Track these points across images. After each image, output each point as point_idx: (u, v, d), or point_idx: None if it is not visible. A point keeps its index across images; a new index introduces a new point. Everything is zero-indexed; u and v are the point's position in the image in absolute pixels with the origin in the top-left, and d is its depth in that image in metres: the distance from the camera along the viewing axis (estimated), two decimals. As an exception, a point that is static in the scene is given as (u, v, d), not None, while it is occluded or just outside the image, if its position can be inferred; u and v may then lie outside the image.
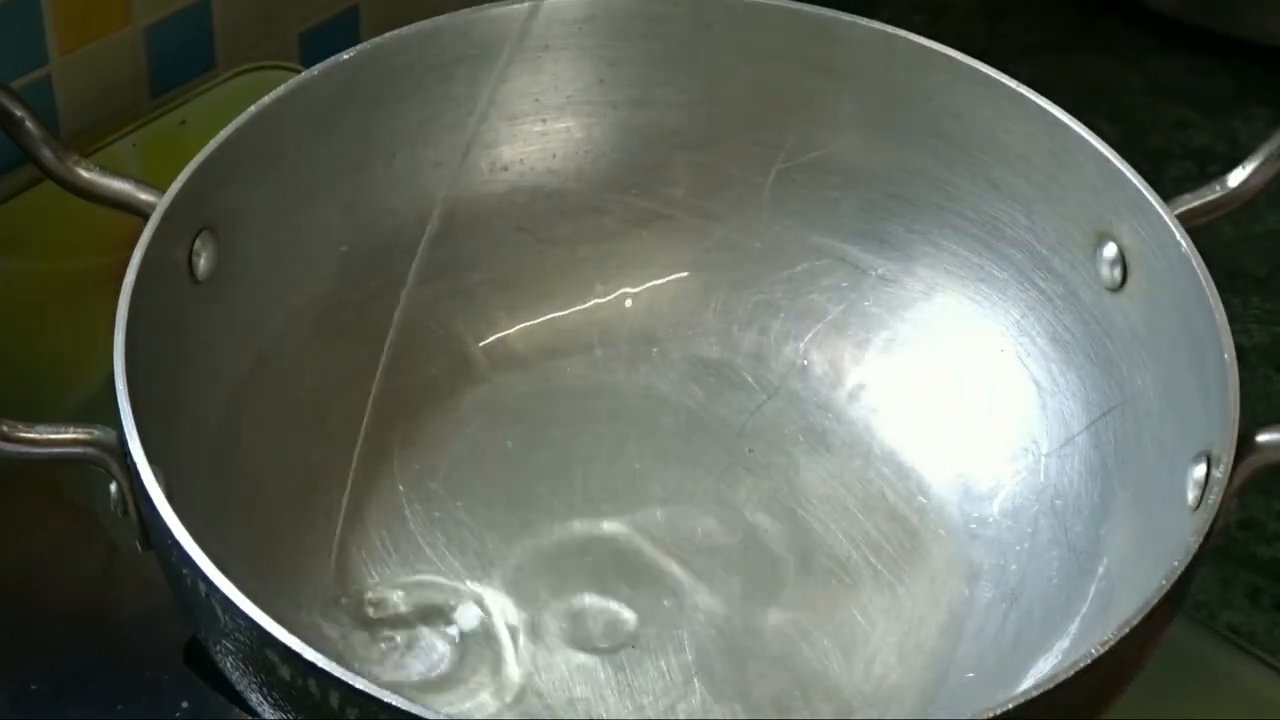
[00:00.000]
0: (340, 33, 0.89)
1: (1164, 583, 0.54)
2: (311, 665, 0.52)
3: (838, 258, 0.73)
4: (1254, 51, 0.95)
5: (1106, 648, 0.53)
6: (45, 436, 0.58)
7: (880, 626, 0.65)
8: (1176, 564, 0.55)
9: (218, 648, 0.56)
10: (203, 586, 0.54)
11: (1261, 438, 0.58)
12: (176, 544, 0.54)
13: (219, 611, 0.54)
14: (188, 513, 0.55)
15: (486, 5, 0.70)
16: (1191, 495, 0.59)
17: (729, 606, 0.65)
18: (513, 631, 0.64)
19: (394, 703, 0.51)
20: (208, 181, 0.64)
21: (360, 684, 0.51)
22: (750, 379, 0.72)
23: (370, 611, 0.64)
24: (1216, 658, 0.67)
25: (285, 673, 0.53)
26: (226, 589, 0.53)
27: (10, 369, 0.74)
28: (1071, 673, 0.52)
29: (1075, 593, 0.63)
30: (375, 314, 0.71)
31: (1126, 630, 0.53)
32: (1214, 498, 0.56)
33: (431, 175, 0.71)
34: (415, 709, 0.51)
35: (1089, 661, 0.53)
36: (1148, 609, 0.54)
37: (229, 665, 0.56)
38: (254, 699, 0.56)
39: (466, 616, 0.65)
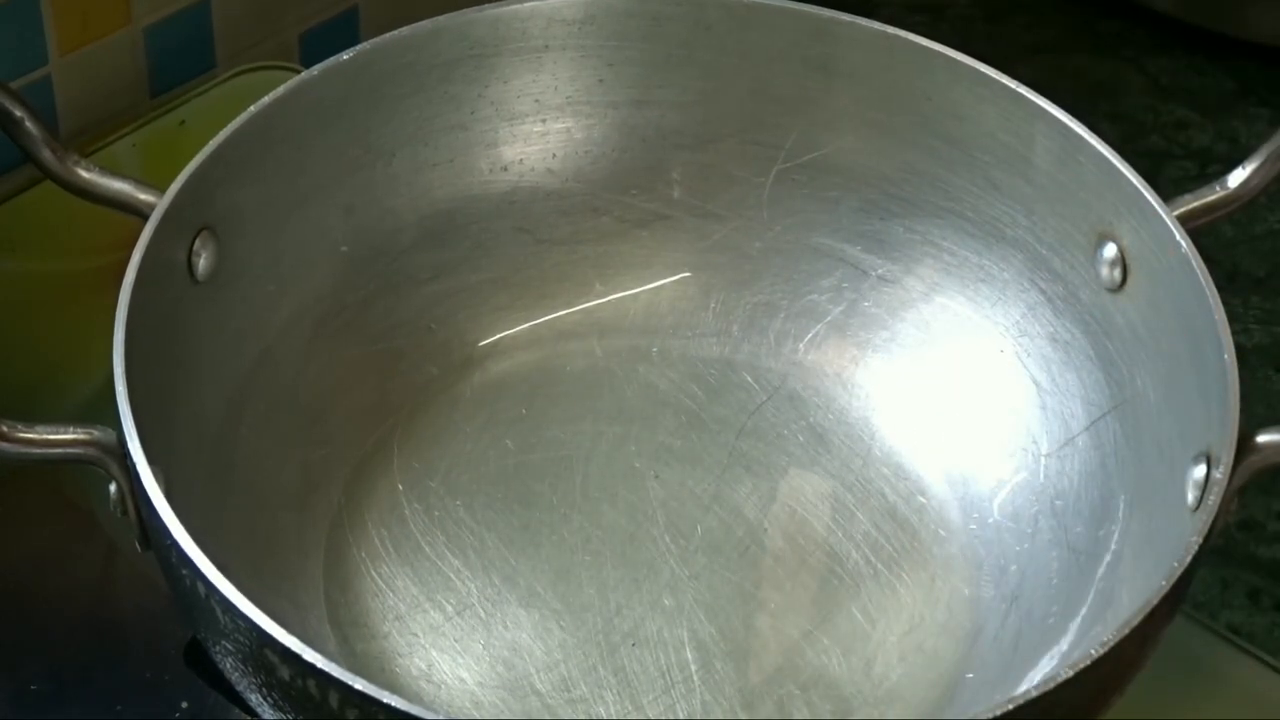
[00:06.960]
0: (340, 33, 0.89)
1: (1164, 583, 0.54)
2: (311, 666, 0.52)
3: (838, 258, 0.73)
4: (1254, 51, 0.95)
5: (1106, 648, 0.53)
6: (45, 437, 0.58)
7: (880, 626, 0.65)
8: (1176, 564, 0.55)
9: (217, 648, 0.56)
10: (202, 587, 0.54)
11: (1261, 438, 0.58)
12: (176, 544, 0.54)
13: (219, 612, 0.54)
14: (187, 513, 0.55)
15: (486, 5, 0.70)
16: (1191, 496, 0.59)
17: (729, 605, 0.65)
18: (512, 631, 0.64)
19: (393, 703, 0.51)
20: (207, 181, 0.64)
21: (360, 684, 0.51)
22: (750, 379, 0.72)
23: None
24: (1216, 658, 0.67)
25: (285, 673, 0.53)
26: (226, 589, 0.53)
27: (10, 369, 0.74)
28: (1071, 673, 0.52)
29: (1075, 593, 0.63)
30: (375, 314, 0.71)
31: (1126, 630, 0.53)
32: (1214, 498, 0.56)
33: (431, 175, 0.71)
34: (415, 709, 0.51)
35: (1089, 661, 0.53)
36: (1148, 609, 0.54)
37: (229, 665, 0.56)
38: (254, 699, 0.56)
39: (465, 616, 0.65)
